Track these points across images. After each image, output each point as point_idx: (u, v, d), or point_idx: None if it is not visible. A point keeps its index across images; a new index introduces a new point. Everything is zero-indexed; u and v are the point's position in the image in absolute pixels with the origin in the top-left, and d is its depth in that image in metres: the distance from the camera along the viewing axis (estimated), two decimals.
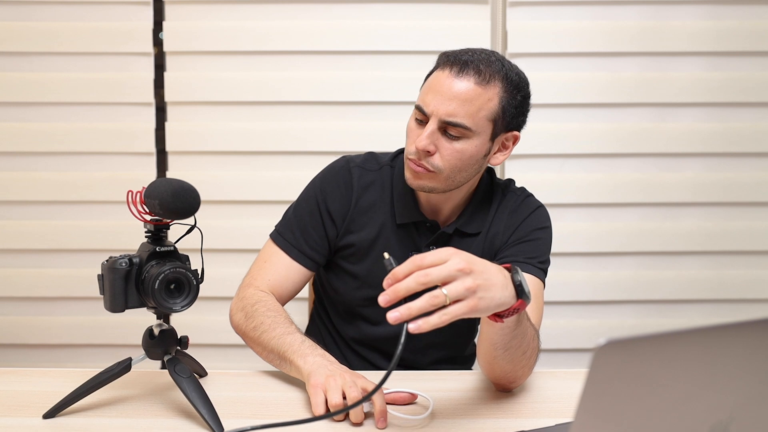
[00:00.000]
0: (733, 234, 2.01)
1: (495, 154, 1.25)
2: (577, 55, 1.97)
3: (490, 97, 1.17)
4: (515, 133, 1.25)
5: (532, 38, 1.95)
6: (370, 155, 1.37)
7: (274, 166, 1.98)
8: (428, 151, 1.17)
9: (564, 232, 2.00)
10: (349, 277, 1.34)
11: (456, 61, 1.17)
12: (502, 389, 1.11)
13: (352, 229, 1.31)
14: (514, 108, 1.21)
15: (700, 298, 2.03)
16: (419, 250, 1.29)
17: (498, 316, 0.92)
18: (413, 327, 0.83)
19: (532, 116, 1.97)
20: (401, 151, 1.36)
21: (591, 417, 0.56)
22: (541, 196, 1.97)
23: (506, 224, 1.31)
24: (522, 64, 1.97)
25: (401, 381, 1.14)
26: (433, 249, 1.29)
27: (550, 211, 1.99)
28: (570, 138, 1.98)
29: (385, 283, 0.85)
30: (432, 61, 1.91)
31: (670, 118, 1.98)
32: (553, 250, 1.97)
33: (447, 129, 1.16)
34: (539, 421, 1.00)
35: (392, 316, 0.83)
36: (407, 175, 1.23)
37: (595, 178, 1.99)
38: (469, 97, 1.15)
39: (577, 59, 1.97)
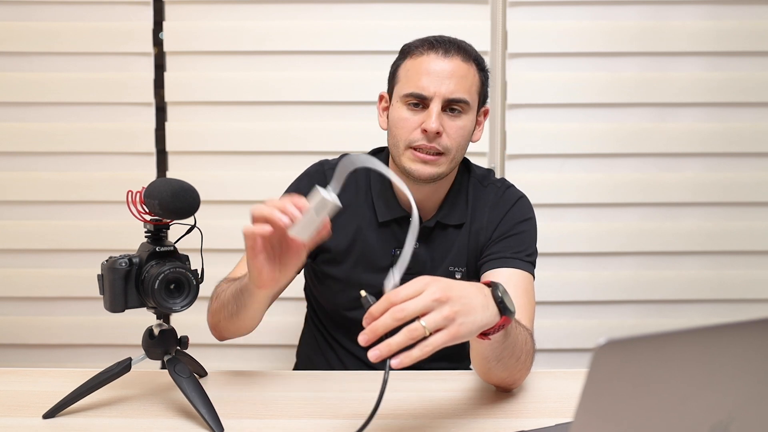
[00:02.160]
0: (733, 234, 2.01)
1: (475, 131, 1.30)
2: (577, 55, 1.96)
3: (474, 73, 1.24)
4: (486, 107, 1.32)
5: (532, 38, 1.95)
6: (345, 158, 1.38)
7: (274, 166, 1.98)
8: (438, 133, 1.20)
9: (564, 232, 2.00)
10: (331, 281, 1.35)
11: (439, 44, 1.22)
12: (503, 390, 1.12)
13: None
14: (485, 84, 1.28)
15: (700, 298, 2.02)
16: (401, 247, 1.30)
17: (484, 335, 0.91)
18: (395, 363, 0.82)
19: (533, 116, 2.00)
20: (378, 151, 1.38)
21: (591, 417, 0.56)
22: (541, 196, 1.99)
23: (488, 219, 1.31)
24: (522, 64, 2.00)
25: (401, 381, 1.14)
26: (416, 245, 1.30)
27: (550, 211, 2.01)
28: (570, 138, 1.98)
29: (363, 322, 0.85)
30: None
31: (670, 118, 1.98)
32: (553, 249, 2.00)
33: (450, 107, 1.21)
34: (539, 421, 1.00)
35: (373, 355, 0.83)
36: (415, 167, 1.23)
37: (595, 178, 1.99)
38: (462, 74, 1.21)
39: (577, 59, 1.97)
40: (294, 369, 1.52)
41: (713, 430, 0.61)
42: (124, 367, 1.04)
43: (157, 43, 1.99)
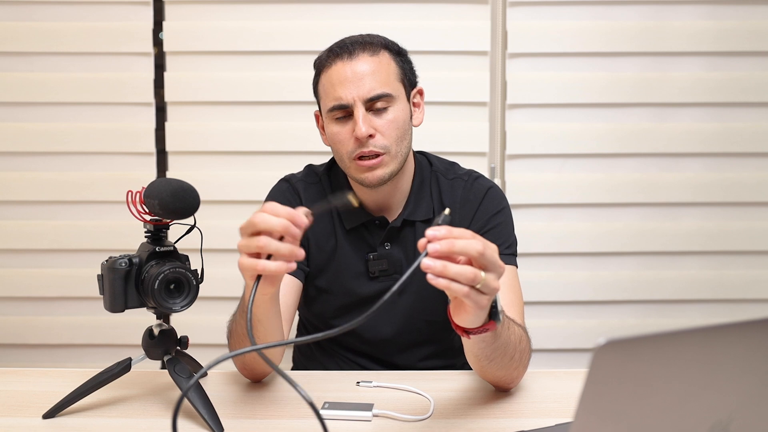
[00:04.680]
0: (733, 234, 2.01)
1: (414, 115, 1.29)
2: (577, 55, 1.96)
3: (388, 61, 1.23)
4: (419, 87, 1.31)
5: (532, 38, 1.95)
6: (309, 169, 1.39)
7: (274, 166, 1.97)
8: (370, 135, 1.19)
9: (564, 232, 2.00)
10: (316, 292, 1.34)
11: (342, 49, 1.21)
12: (502, 390, 1.12)
13: (306, 243, 1.32)
14: (407, 65, 1.27)
15: (700, 298, 2.02)
16: (375, 250, 1.30)
17: (465, 332, 0.90)
18: (431, 250, 0.81)
19: (532, 116, 2.00)
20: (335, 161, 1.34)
21: (591, 417, 0.56)
22: (541, 196, 1.99)
23: (461, 216, 1.30)
24: (522, 64, 2.00)
25: (401, 381, 1.14)
26: (387, 246, 1.30)
27: (550, 211, 2.01)
28: (570, 138, 1.98)
29: (432, 232, 0.82)
30: (433, 60, 1.93)
31: (670, 118, 1.98)
32: (553, 249, 2.00)
33: (373, 106, 1.19)
34: (539, 421, 1.00)
35: (422, 244, 0.82)
36: (363, 176, 1.22)
37: (595, 178, 1.99)
38: (373, 69, 1.20)
39: (577, 59, 1.97)
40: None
41: (713, 430, 0.61)
42: (124, 367, 1.05)
43: (157, 43, 1.99)
